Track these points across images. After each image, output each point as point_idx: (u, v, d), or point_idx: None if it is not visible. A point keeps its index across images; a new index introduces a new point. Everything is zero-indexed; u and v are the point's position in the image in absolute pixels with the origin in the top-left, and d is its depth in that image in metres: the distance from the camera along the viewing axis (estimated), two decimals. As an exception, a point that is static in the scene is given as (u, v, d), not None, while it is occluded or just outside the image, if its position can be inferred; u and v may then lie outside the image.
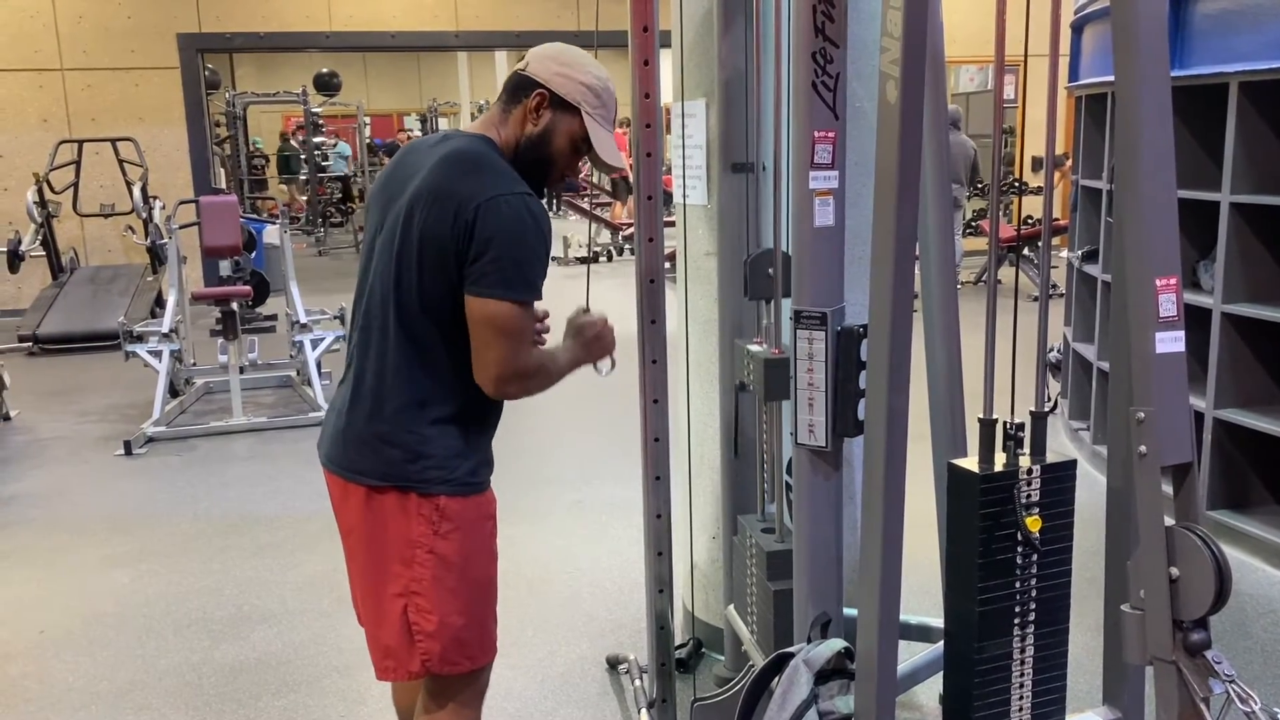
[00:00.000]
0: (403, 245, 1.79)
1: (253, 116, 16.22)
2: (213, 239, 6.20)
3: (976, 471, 1.62)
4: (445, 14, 10.61)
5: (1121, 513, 1.75)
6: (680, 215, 2.93)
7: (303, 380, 6.33)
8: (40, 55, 9.58)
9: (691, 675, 2.92)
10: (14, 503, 4.62)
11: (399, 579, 1.87)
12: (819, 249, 1.82)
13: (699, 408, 2.96)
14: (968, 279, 9.70)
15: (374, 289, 1.86)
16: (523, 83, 1.88)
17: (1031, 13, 1.65)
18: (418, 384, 1.83)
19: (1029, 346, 1.61)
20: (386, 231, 1.84)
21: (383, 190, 1.91)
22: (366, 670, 3.06)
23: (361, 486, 1.86)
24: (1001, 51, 1.66)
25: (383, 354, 1.84)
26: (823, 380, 1.85)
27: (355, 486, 1.87)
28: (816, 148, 1.78)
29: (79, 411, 6.21)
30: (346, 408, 1.90)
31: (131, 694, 2.98)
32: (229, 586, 3.68)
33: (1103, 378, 4.74)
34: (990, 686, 1.70)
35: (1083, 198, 5.17)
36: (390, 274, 1.81)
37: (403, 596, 1.88)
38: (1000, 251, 2.10)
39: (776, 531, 2.43)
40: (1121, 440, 1.65)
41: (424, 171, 1.81)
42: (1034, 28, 1.65)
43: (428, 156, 1.85)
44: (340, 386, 1.96)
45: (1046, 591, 1.70)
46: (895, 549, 1.66)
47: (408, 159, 1.91)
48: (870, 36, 2.52)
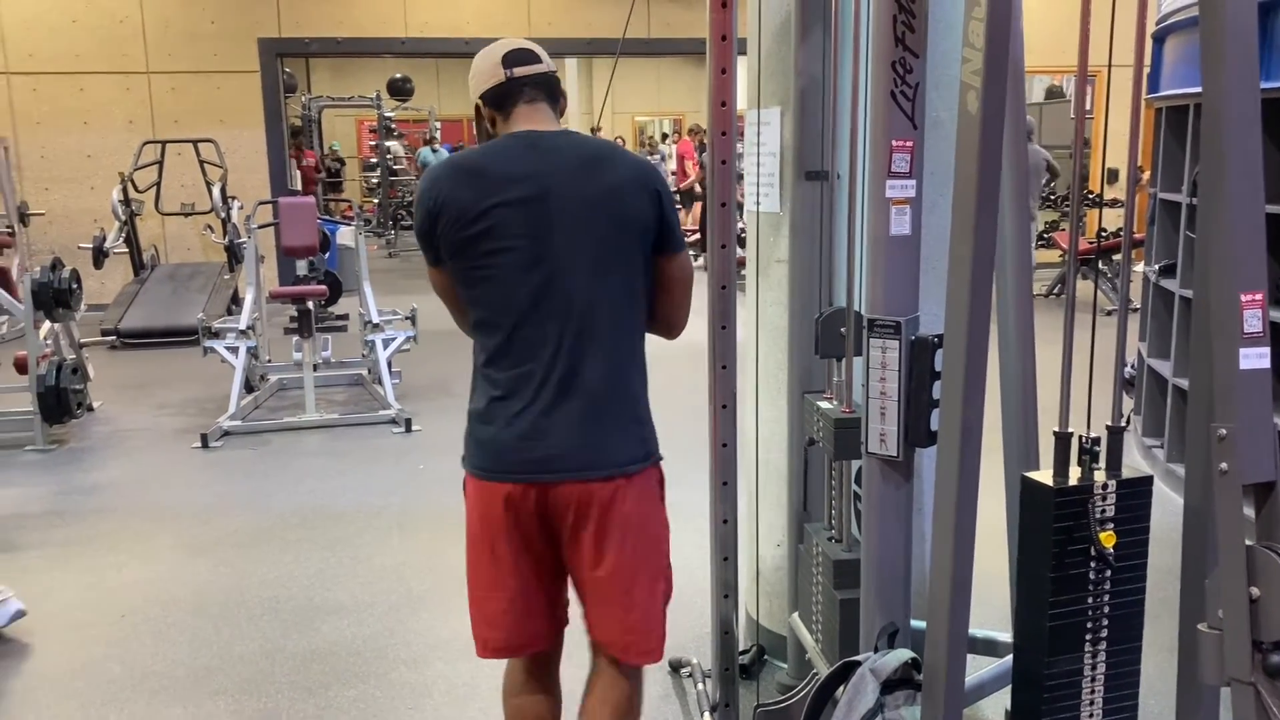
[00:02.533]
0: (609, 234, 1.92)
1: (326, 120, 16.56)
2: (291, 239, 6.35)
3: (1051, 485, 1.61)
4: (517, 20, 10.73)
5: (1198, 531, 1.72)
6: (752, 222, 2.94)
7: (373, 379, 6.45)
8: (127, 59, 9.89)
9: (754, 682, 2.92)
10: (97, 491, 4.78)
11: (657, 558, 2.06)
12: (894, 257, 1.82)
13: (767, 414, 2.97)
14: (1039, 291, 9.55)
15: (564, 287, 1.91)
16: (559, 84, 2.05)
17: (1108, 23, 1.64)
18: (637, 360, 2.02)
19: (1102, 360, 1.60)
20: (569, 230, 1.89)
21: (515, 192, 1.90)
22: (434, 663, 3.13)
23: (621, 478, 1.96)
24: (1084, 62, 1.65)
25: (598, 341, 1.93)
26: (895, 389, 1.85)
27: (610, 482, 1.95)
28: (894, 156, 1.79)
29: (158, 404, 6.40)
30: (575, 406, 1.92)
31: (208, 679, 3.07)
32: (300, 578, 3.77)
33: (1178, 394, 4.64)
34: (1059, 703, 1.69)
35: (1161, 211, 5.07)
36: (599, 264, 1.92)
37: (659, 578, 2.07)
38: (1075, 264, 2.06)
39: (844, 540, 2.43)
40: (1200, 457, 1.63)
41: (589, 168, 1.93)
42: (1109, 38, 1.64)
43: (555, 156, 1.93)
44: (513, 401, 1.94)
45: (1120, 608, 1.68)
46: (966, 561, 1.66)
47: (513, 164, 1.93)
48: (948, 46, 2.51)
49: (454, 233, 1.91)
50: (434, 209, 1.93)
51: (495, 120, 2.02)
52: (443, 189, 1.93)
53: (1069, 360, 1.66)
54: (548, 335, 1.91)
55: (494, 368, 1.96)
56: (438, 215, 1.92)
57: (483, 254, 1.91)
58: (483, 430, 1.98)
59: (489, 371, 1.97)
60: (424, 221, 1.96)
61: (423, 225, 1.96)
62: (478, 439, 2.00)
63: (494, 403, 1.96)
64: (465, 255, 1.93)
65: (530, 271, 1.90)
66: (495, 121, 2.02)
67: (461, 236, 1.91)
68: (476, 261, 1.92)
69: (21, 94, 9.74)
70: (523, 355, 1.92)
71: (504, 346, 1.94)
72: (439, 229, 1.93)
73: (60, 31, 9.72)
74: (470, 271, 1.94)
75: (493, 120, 2.02)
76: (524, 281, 1.90)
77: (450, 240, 1.93)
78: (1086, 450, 1.63)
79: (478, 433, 2.00)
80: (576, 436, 1.93)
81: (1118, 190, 10.81)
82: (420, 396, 6.36)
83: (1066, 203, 11.25)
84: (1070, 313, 1.64)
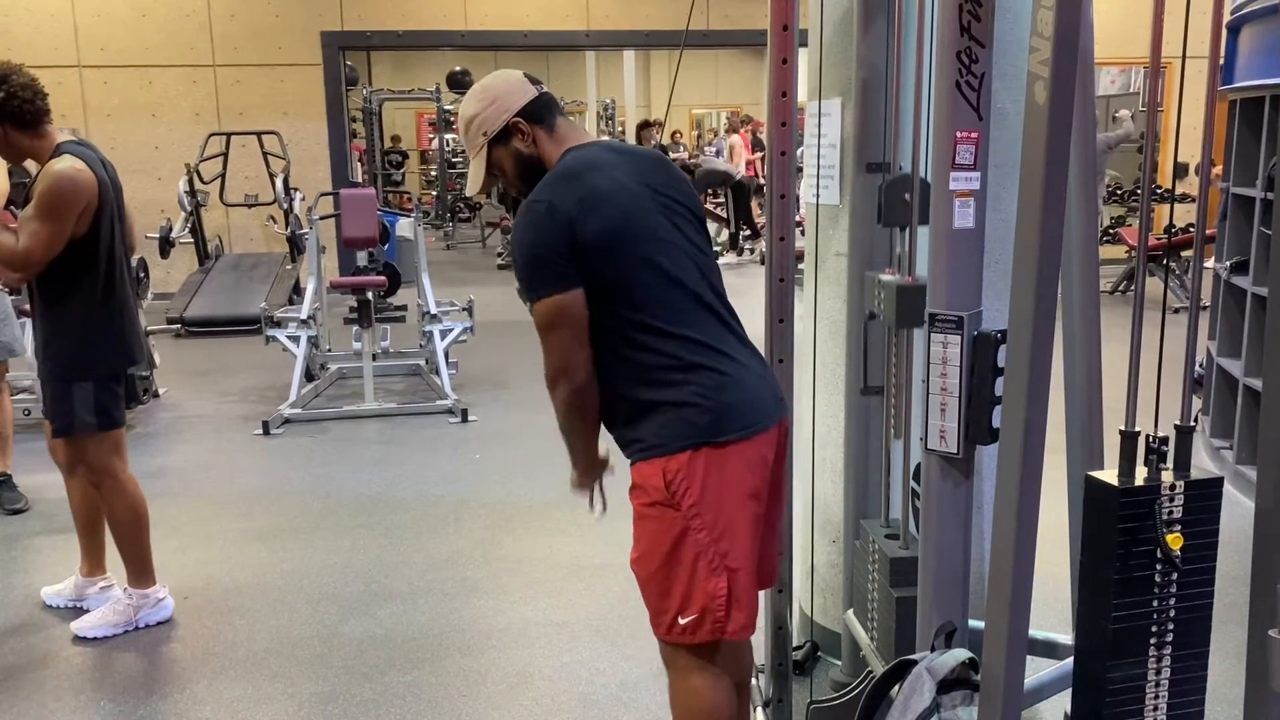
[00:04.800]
0: (698, 222, 2.12)
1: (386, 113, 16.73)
2: (351, 231, 6.44)
3: (1116, 485, 1.57)
4: (576, 13, 10.76)
5: (1270, 534, 1.67)
6: (811, 215, 2.92)
7: (431, 369, 6.51)
8: (194, 52, 10.09)
9: (807, 678, 2.90)
10: (162, 475, 4.89)
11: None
12: (957, 251, 1.79)
13: (824, 410, 2.94)
14: (1103, 288, 9.35)
15: (691, 269, 2.04)
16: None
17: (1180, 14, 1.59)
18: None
19: (1170, 359, 1.56)
20: (677, 219, 2.06)
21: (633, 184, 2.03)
22: (488, 651, 3.16)
23: (783, 420, 2.12)
24: (1158, 54, 1.61)
25: (728, 308, 2.09)
26: (956, 385, 1.82)
27: (781, 423, 2.10)
28: (959, 148, 1.76)
29: (221, 391, 6.53)
30: (753, 360, 2.08)
31: (267, 661, 3.12)
32: (358, 564, 3.82)
33: (1249, 394, 4.52)
34: (1122, 709, 1.65)
35: (1233, 206, 4.94)
36: (702, 246, 2.10)
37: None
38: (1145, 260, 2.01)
39: (901, 538, 2.40)
40: (1273, 459, 1.58)
41: (661, 168, 2.12)
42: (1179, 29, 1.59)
43: (636, 156, 2.13)
44: (724, 359, 2.02)
45: (1186, 612, 1.64)
46: (1027, 561, 1.63)
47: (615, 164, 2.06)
48: (1014, 36, 2.46)
49: (606, 239, 1.95)
50: (570, 224, 1.93)
51: (536, 136, 2.06)
52: (569, 202, 1.95)
53: (1137, 357, 1.62)
54: (702, 293, 2.04)
55: (687, 338, 1.99)
56: (578, 228, 1.93)
57: (642, 246, 1.99)
58: (724, 394, 1.98)
59: (688, 342, 1.99)
60: (560, 239, 1.94)
61: (558, 245, 1.94)
62: (723, 404, 1.97)
63: (709, 372, 1.98)
64: (623, 253, 1.97)
65: (671, 251, 2.03)
66: (535, 137, 2.06)
67: (614, 232, 1.96)
68: (638, 255, 1.98)
69: (93, 87, 9.99)
70: (702, 317, 2.02)
71: (685, 316, 2.00)
72: (585, 240, 1.93)
73: (130, 25, 9.94)
74: (632, 267, 1.98)
75: (532, 137, 2.06)
76: (675, 253, 2.03)
77: (602, 244, 1.95)
78: (1153, 450, 1.59)
79: (720, 397, 1.98)
80: (768, 371, 2.15)
81: (1187, 185, 10.55)
82: (476, 387, 6.41)
83: (1134, 197, 11.01)
84: (1139, 307, 1.60)
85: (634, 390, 2.01)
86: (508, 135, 2.06)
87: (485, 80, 2.11)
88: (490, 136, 2.07)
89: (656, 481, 1.98)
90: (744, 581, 2.01)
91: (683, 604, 2.00)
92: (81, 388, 3.12)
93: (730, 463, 1.97)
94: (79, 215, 3.02)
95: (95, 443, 3.18)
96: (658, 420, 1.98)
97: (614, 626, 3.29)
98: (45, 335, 3.16)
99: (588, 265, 1.94)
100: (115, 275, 3.15)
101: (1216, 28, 1.59)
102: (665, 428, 1.97)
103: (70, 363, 3.12)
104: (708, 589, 1.98)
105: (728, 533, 1.98)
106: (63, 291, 3.09)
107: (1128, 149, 10.61)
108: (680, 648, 2.06)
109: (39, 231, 2.97)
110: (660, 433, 1.98)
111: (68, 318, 3.11)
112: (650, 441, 1.99)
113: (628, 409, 2.03)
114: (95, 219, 3.06)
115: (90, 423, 3.14)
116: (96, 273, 3.10)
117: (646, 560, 2.04)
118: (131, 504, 3.28)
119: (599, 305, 1.97)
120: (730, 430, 1.96)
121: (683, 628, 2.01)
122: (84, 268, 3.08)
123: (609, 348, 2.01)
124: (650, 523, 2.02)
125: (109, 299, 3.14)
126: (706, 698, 2.07)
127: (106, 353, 3.16)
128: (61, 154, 3.04)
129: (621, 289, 1.97)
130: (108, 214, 3.10)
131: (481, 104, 2.07)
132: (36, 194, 2.99)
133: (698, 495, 1.95)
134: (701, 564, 1.98)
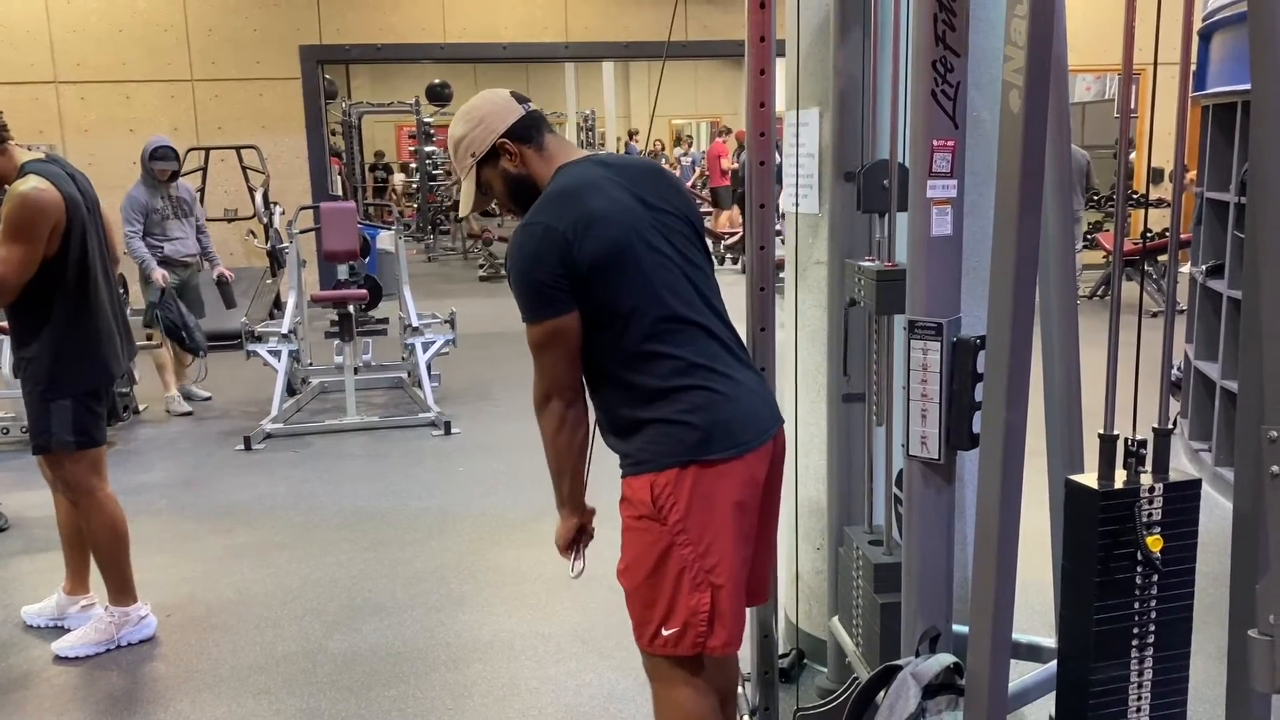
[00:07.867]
0: (696, 236, 2.11)
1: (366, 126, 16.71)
2: (332, 244, 6.42)
3: (1096, 488, 1.59)
4: (555, 25, 10.77)
5: (1248, 536, 1.69)
6: (790, 224, 2.93)
7: (413, 382, 6.50)
8: (172, 67, 10.04)
9: (793, 685, 2.90)
10: (143, 491, 4.86)
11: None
12: (936, 258, 1.80)
13: (806, 417, 2.95)
14: (1082, 293, 9.42)
15: (686, 287, 2.03)
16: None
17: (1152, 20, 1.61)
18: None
19: (1147, 363, 1.58)
20: (674, 235, 2.05)
21: (628, 201, 2.02)
22: (474, 664, 3.14)
23: (779, 434, 2.10)
24: (1130, 60, 1.62)
25: (726, 324, 2.09)
26: (936, 392, 1.83)
27: (777, 438, 2.08)
28: (935, 156, 1.77)
29: (202, 407, 6.49)
30: (749, 376, 2.07)
31: (251, 678, 3.10)
32: (342, 579, 3.81)
33: (1226, 397, 4.56)
34: (1105, 710, 1.66)
35: (1208, 211, 4.99)
36: (700, 263, 2.09)
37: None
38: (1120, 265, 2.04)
39: (885, 544, 2.41)
40: (1250, 461, 1.60)
41: (656, 179, 2.11)
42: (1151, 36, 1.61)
43: (628, 168, 2.09)
44: (717, 376, 2.01)
45: (1167, 614, 1.65)
46: (1009, 565, 1.63)
47: (609, 181, 2.04)
48: (989, 45, 2.48)
49: (602, 261, 1.94)
50: (566, 246, 1.92)
51: (524, 155, 2.06)
52: (564, 224, 1.94)
53: (1114, 362, 1.64)
54: (698, 312, 2.03)
55: (680, 358, 1.98)
56: (573, 251, 1.92)
57: (638, 266, 1.97)
58: (715, 412, 1.97)
59: (681, 362, 1.97)
60: (555, 262, 1.93)
61: (553, 268, 1.93)
62: (714, 422, 1.96)
63: (701, 390, 1.97)
64: (619, 275, 1.96)
65: (667, 269, 2.01)
66: (524, 157, 2.06)
67: (610, 253, 1.95)
68: (634, 276, 1.97)
69: (70, 102, 9.92)
70: (696, 335, 2.01)
71: (679, 335, 1.99)
72: (580, 263, 1.93)
73: (107, 41, 9.89)
74: (628, 288, 1.97)
75: (521, 157, 2.06)
76: (672, 271, 2.02)
77: (599, 265, 1.94)
78: (1132, 453, 1.61)
79: (711, 415, 1.96)
80: (764, 387, 2.12)
81: (1162, 190, 10.65)
82: (459, 400, 6.40)
83: (1110, 203, 11.10)
84: (1115, 312, 1.62)
85: (626, 408, 2.01)
86: (496, 156, 2.06)
87: (473, 100, 2.10)
88: (478, 158, 2.06)
89: (644, 496, 1.98)
90: (728, 598, 2.00)
91: (665, 617, 2.01)
92: (60, 406, 3.09)
93: (719, 480, 1.97)
94: (49, 235, 2.99)
95: (72, 461, 3.16)
96: (648, 436, 1.99)
97: (600, 638, 3.28)
98: (21, 355, 3.13)
99: (583, 287, 1.94)
100: (90, 291, 3.13)
101: (1187, 34, 1.61)
102: (655, 444, 1.98)
103: (48, 381, 3.10)
104: (690, 604, 1.98)
105: (713, 549, 1.98)
106: (35, 310, 3.06)
107: (1103, 155, 10.71)
108: (663, 659, 2.06)
109: (8, 257, 2.94)
110: (650, 448, 1.98)
111: (42, 336, 3.09)
112: (639, 456, 2.00)
113: (620, 424, 2.04)
114: (65, 237, 3.04)
115: (68, 441, 3.12)
116: (68, 290, 3.07)
117: (632, 572, 2.04)
118: (109, 522, 3.25)
119: (593, 325, 1.97)
120: (720, 449, 1.96)
121: (665, 639, 2.01)
122: (55, 286, 3.05)
123: (602, 367, 2.01)
124: (637, 535, 2.02)
125: (82, 316, 3.11)
126: (690, 710, 2.07)
127: (82, 371, 3.14)
128: (26, 174, 3.02)
129: (616, 310, 1.97)
130: (78, 230, 3.07)
131: (468, 125, 2.07)
132: (3, 218, 2.96)
133: (683, 512, 1.96)
134: (686, 579, 1.98)
